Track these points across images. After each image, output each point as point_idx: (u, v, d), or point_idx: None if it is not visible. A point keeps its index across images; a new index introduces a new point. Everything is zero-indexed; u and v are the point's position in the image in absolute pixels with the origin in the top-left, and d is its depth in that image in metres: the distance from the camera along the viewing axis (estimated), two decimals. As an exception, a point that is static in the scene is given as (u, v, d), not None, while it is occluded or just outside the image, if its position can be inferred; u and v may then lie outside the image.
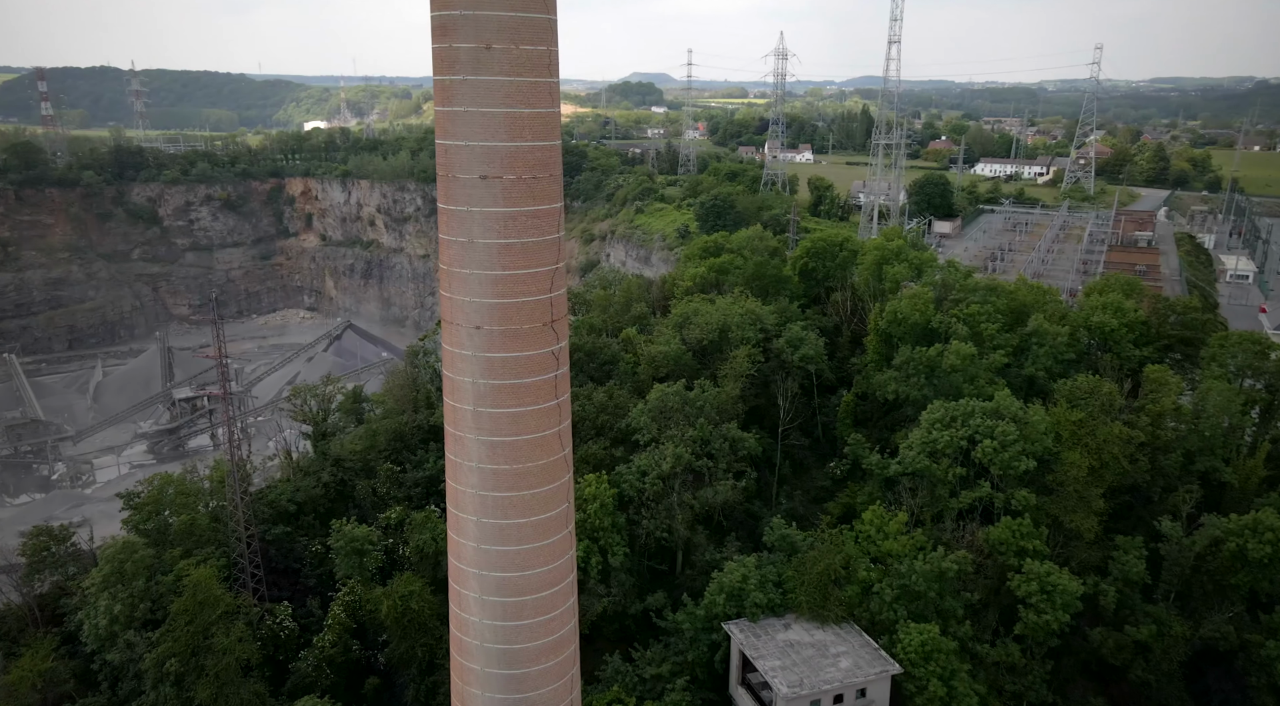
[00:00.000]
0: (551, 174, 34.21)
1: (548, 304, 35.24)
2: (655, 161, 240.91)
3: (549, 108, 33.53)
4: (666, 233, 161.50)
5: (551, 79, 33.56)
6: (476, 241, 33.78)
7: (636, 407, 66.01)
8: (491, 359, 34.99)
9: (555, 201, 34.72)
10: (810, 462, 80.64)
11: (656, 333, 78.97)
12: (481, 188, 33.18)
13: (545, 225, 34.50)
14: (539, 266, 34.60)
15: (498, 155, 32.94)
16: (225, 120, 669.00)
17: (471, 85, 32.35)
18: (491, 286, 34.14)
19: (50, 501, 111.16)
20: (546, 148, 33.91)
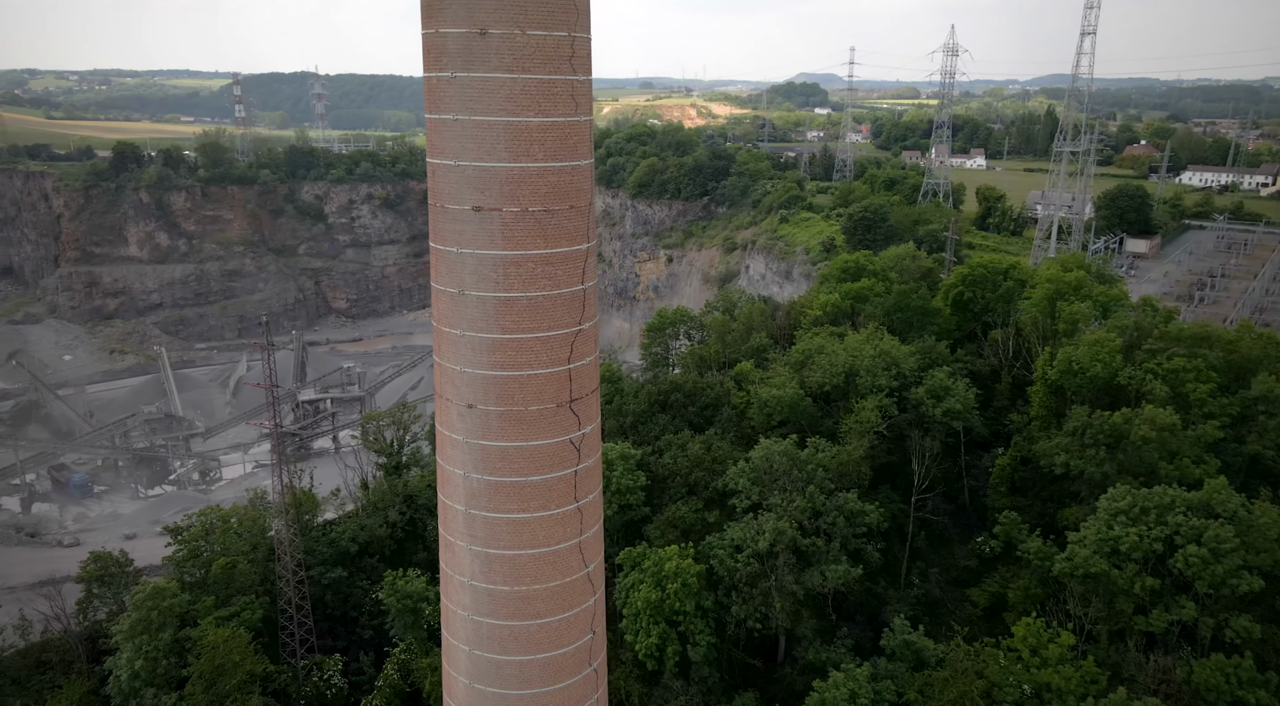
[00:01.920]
0: (574, 205, 25.14)
1: (565, 378, 26.22)
2: (808, 166, 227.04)
3: (570, 115, 24.47)
4: (810, 245, 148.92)
5: (575, 77, 24.45)
6: (468, 293, 25.26)
7: (734, 467, 55.96)
8: (487, 449, 26.40)
9: (578, 242, 25.64)
10: (952, 535, 67.55)
11: (773, 370, 68.38)
12: (475, 223, 24.62)
13: (563, 274, 25.48)
14: (553, 328, 25.64)
15: (495, 179, 24.24)
16: (404, 121, 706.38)
17: (461, 85, 23.80)
18: (487, 353, 25.52)
19: (170, 499, 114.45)
20: (567, 171, 24.88)
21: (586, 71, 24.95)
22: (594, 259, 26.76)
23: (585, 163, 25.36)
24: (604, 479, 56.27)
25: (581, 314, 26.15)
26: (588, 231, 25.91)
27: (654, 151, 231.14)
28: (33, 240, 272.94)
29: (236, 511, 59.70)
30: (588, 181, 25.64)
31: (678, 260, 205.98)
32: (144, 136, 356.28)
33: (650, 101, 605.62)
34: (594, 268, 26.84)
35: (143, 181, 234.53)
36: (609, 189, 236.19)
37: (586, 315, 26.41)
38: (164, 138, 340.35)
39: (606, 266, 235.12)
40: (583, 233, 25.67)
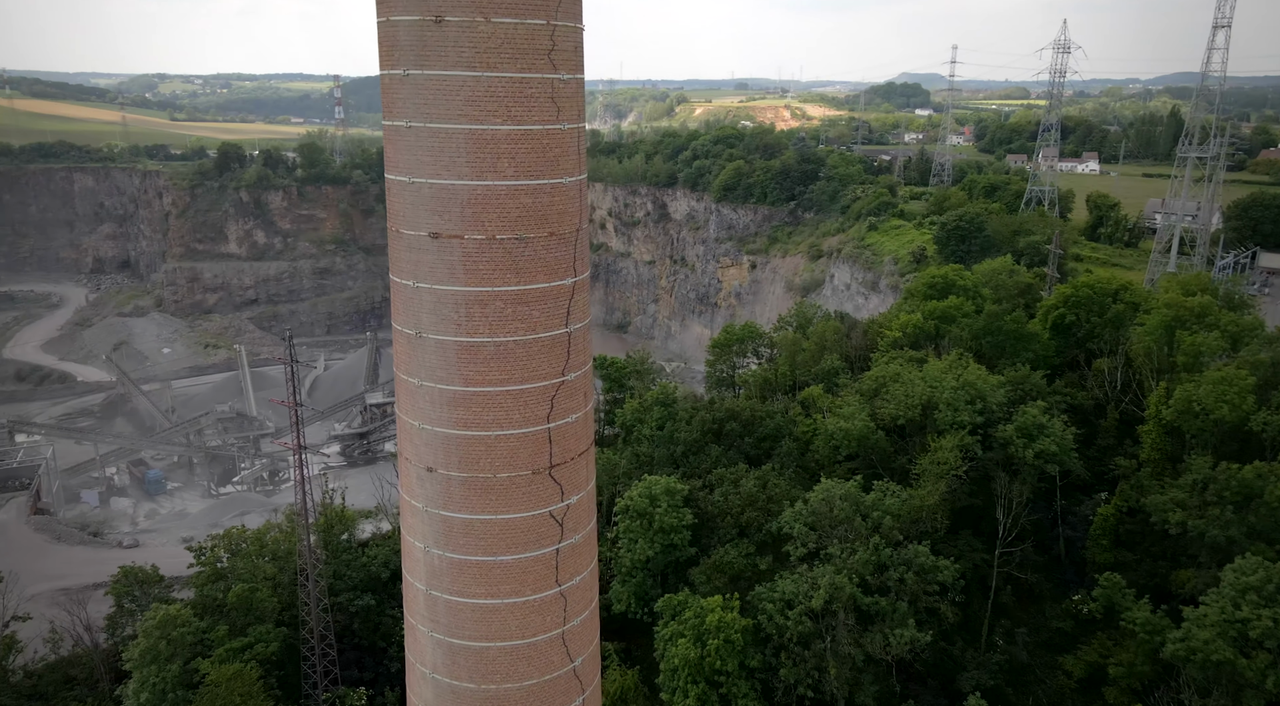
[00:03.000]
0: (554, 232, 20.50)
1: (543, 440, 21.61)
2: (902, 171, 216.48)
3: (550, 122, 19.85)
4: (899, 255, 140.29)
5: (557, 75, 19.81)
6: (426, 336, 20.93)
7: (790, 510, 50.30)
8: (450, 521, 22.04)
9: (560, 276, 20.98)
10: (1044, 591, 59.95)
11: (842, 398, 62.24)
12: (432, 252, 20.26)
13: (540, 315, 20.86)
14: (527, 381, 21.07)
15: (455, 200, 19.82)
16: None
17: (414, 85, 19.45)
18: (448, 409, 21.14)
19: (234, 500, 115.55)
20: (545, 190, 20.25)
21: (574, 69, 20.32)
22: (584, 296, 22.11)
23: (571, 181, 20.73)
24: (646, 515, 51.66)
25: (565, 363, 21.51)
26: (574, 263, 21.27)
27: (741, 154, 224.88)
28: (147, 236, 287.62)
29: (270, 528, 57.62)
30: (574, 203, 21.00)
31: (761, 266, 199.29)
32: (255, 137, 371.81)
33: (744, 103, 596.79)
34: (585, 306, 22.19)
35: (244, 181, 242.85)
36: (694, 192, 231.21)
37: (573, 363, 21.75)
38: (272, 138, 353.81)
39: (689, 271, 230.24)
40: (567, 265, 21.03)
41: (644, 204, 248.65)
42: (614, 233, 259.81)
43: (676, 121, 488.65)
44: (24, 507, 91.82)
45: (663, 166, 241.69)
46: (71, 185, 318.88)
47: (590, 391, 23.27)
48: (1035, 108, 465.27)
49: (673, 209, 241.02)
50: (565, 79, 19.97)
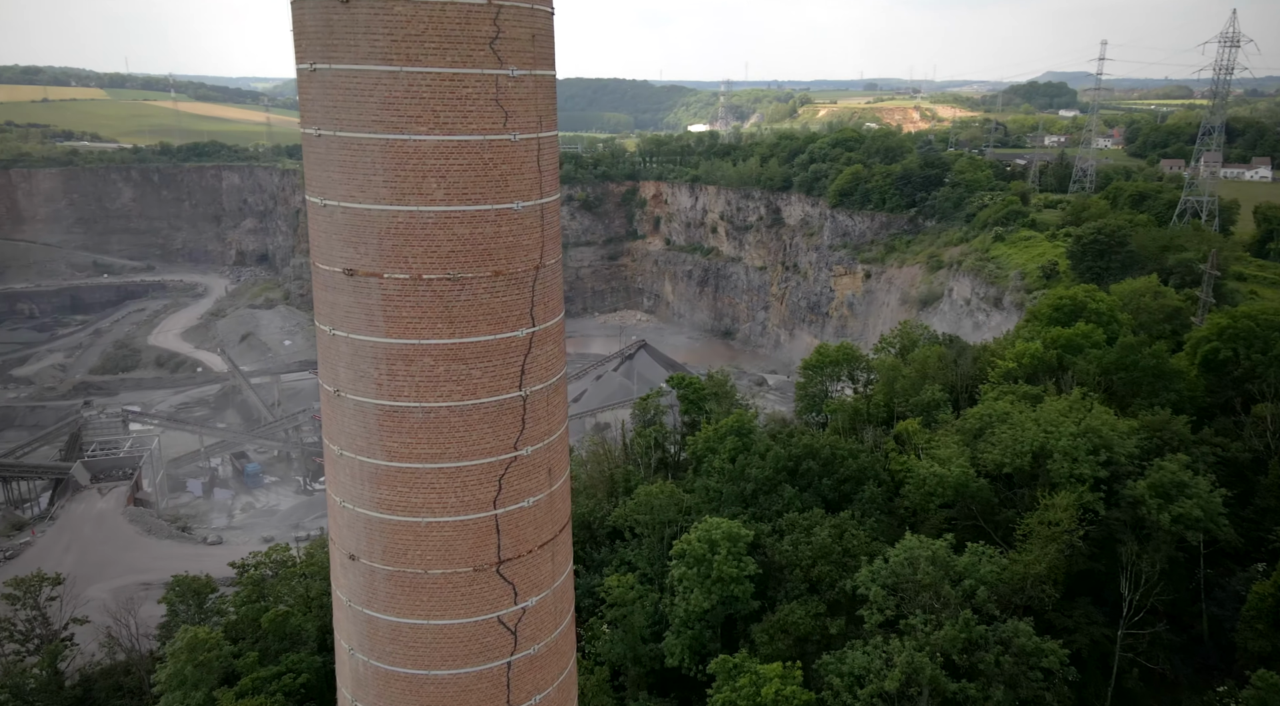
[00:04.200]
0: (501, 271, 16.05)
1: (488, 530, 17.23)
2: (1038, 176, 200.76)
3: (495, 131, 15.39)
4: (1027, 269, 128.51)
5: (502, 71, 15.31)
6: (345, 396, 16.89)
7: (868, 567, 44.04)
8: (375, 622, 17.94)
9: (510, 326, 16.50)
10: (1181, 678, 51.10)
11: (939, 436, 55.14)
12: (348, 293, 16.13)
13: (483, 376, 16.43)
14: (466, 456, 16.69)
15: (372, 229, 15.61)
16: (623, 123, 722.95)
17: (322, 83, 15.36)
18: (369, 486, 17.03)
19: (318, 501, 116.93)
20: (489, 218, 15.79)
21: (531, 63, 15.78)
22: (552, 348, 17.56)
23: (526, 206, 16.23)
24: (703, 562, 46.62)
25: (519, 434, 17.03)
26: (532, 309, 16.71)
27: (860, 158, 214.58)
28: (283, 231, 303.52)
29: (323, 544, 55.96)
30: (531, 234, 16.48)
31: (876, 276, 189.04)
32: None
33: (870, 104, 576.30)
34: (552, 361, 17.64)
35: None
36: (809, 197, 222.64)
37: (532, 434, 17.25)
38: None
39: (801, 278, 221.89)
40: (521, 312, 16.54)
41: (757, 208, 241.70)
42: (725, 237, 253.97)
43: (798, 123, 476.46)
44: (124, 497, 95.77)
45: (778, 170, 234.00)
46: (220, 182, 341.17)
47: (562, 464, 18.67)
48: (1197, 108, 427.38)
49: (786, 214, 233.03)
50: (515, 76, 15.48)
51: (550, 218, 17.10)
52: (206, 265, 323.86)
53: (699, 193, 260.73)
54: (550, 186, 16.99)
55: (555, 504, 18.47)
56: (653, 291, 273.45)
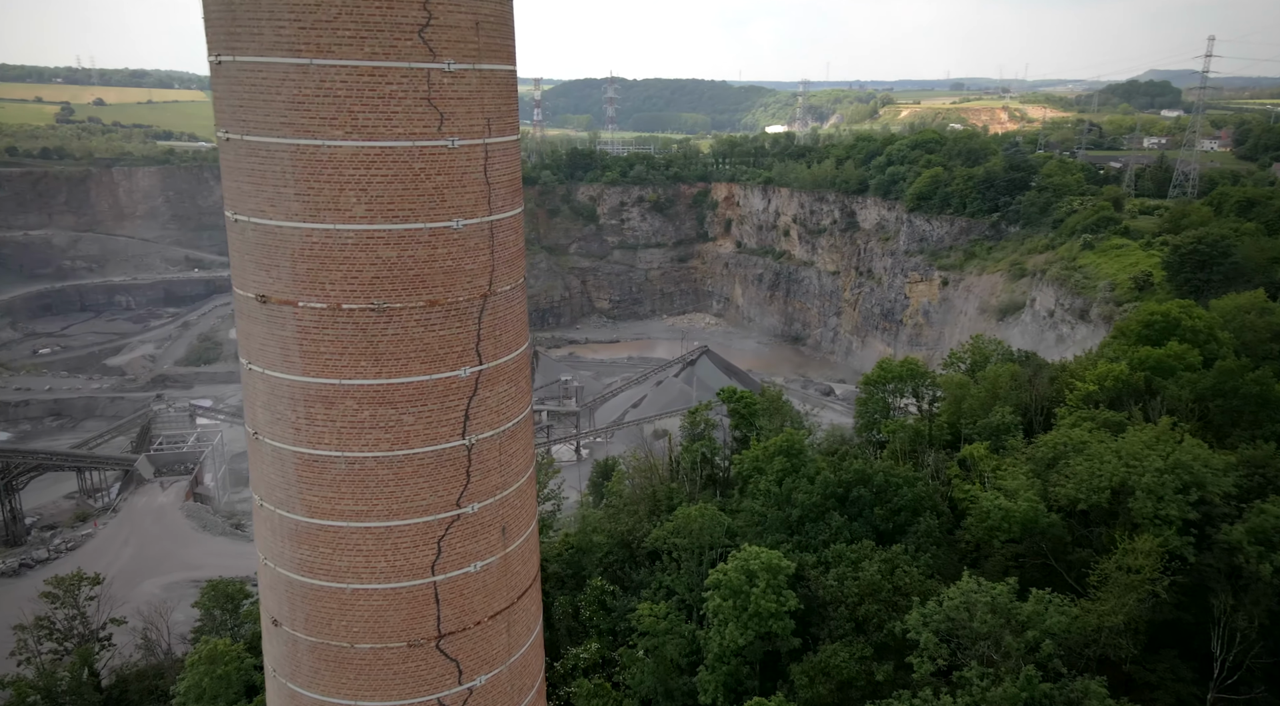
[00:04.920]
0: (437, 302, 13.66)
1: (424, 600, 14.84)
2: (1133, 181, 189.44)
3: (429, 137, 12.94)
4: (1118, 280, 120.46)
5: (438, 64, 12.85)
6: (263, 441, 14.74)
7: (918, 611, 40.25)
8: (298, 699, 15.73)
9: (455, 365, 14.05)
10: (1277, 745, 45.54)
11: (1008, 465, 50.69)
12: (262, 322, 13.85)
13: (418, 422, 14.03)
14: (397, 515, 14.30)
15: (285, 249, 13.23)
16: (700, 124, 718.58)
17: (228, 78, 13.09)
18: (290, 544, 14.77)
19: None
20: (422, 239, 13.33)
21: (473, 55, 13.33)
22: (509, 388, 15.07)
23: (468, 225, 13.82)
24: (740, 594, 43.60)
25: (463, 489, 14.58)
26: (478, 344, 14.24)
27: (941, 160, 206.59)
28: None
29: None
30: (476, 257, 14.06)
31: (954, 284, 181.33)
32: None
33: (956, 104, 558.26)
34: (510, 403, 15.16)
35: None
36: (885, 200, 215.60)
37: (477, 490, 14.80)
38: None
39: (875, 284, 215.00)
40: (464, 347, 14.12)
41: (831, 211, 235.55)
42: (797, 240, 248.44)
43: (879, 124, 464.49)
44: (184, 492, 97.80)
45: (854, 172, 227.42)
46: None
47: (523, 519, 16.15)
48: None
49: (861, 217, 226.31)
50: (453, 71, 13.04)
51: (505, 237, 14.66)
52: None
53: (771, 195, 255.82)
54: (504, 201, 14.56)
55: (512, 567, 16.00)
56: (722, 294, 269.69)
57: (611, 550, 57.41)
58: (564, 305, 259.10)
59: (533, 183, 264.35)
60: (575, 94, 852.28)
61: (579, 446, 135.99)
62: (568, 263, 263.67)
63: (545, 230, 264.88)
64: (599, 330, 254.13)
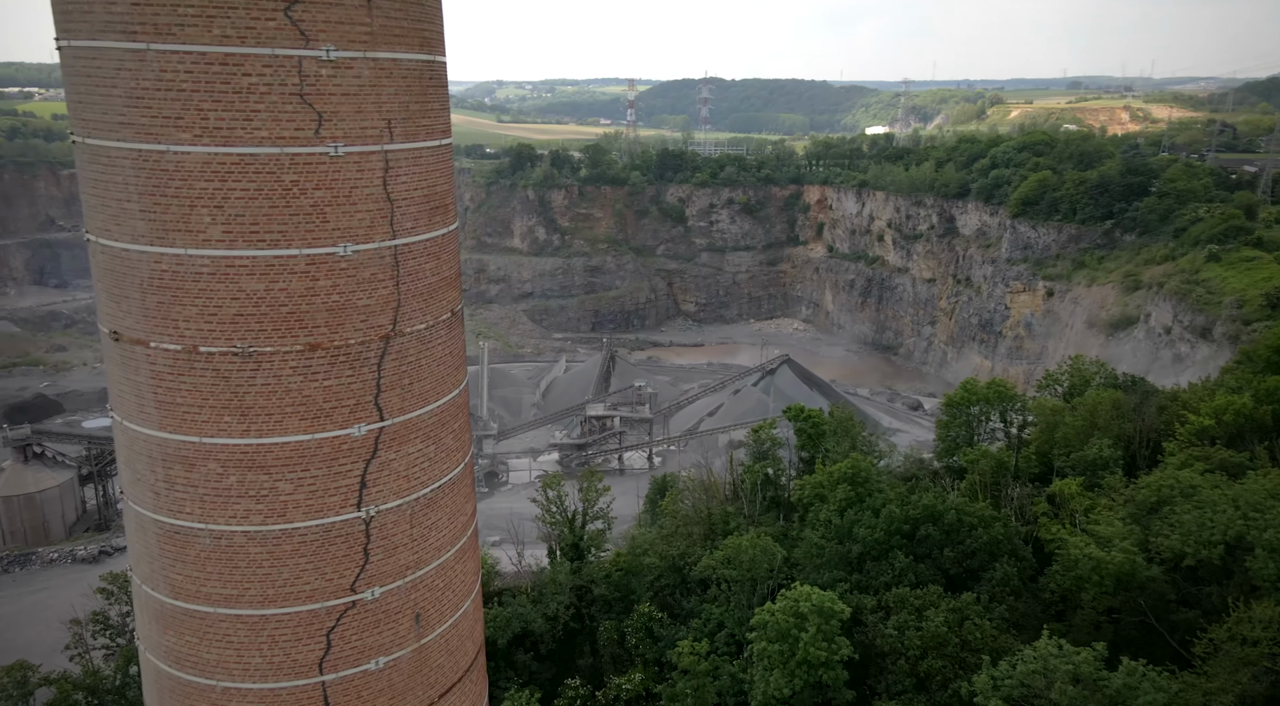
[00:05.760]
0: (319, 345, 11.08)
1: (313, 698, 12.21)
2: (1269, 187, 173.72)
3: (301, 142, 10.29)
4: (1247, 296, 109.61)
5: (312, 52, 10.21)
6: (128, 503, 12.40)
7: (988, 672, 35.73)
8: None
9: (346, 421, 11.47)
10: None
11: (1103, 507, 45.21)
12: (117, 363, 11.53)
13: (298, 491, 11.43)
14: (275, 602, 11.93)
15: (133, 278, 10.82)
16: (797, 124, 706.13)
17: (66, 66, 10.91)
18: (157, 628, 12.41)
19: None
20: (299, 266, 10.73)
21: (368, 41, 10.62)
22: (422, 448, 12.33)
23: (360, 250, 11.14)
24: (788, 638, 39.96)
25: (358, 570, 11.95)
26: (379, 396, 11.56)
27: (1050, 163, 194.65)
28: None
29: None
30: (373, 289, 11.42)
31: (1060, 295, 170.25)
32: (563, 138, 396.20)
33: (1071, 104, 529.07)
34: (428, 465, 12.43)
35: (532, 179, 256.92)
36: (987, 205, 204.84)
37: (379, 571, 12.21)
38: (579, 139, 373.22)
39: (973, 293, 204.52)
40: (357, 400, 11.51)
41: (929, 216, 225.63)
42: (892, 245, 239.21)
43: (986, 125, 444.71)
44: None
45: (954, 175, 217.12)
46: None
47: (447, 603, 13.38)
48: None
49: (961, 223, 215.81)
50: (335, 59, 10.38)
51: (418, 265, 11.94)
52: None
53: (866, 198, 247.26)
54: (417, 220, 11.85)
55: (431, 661, 13.28)
56: (811, 300, 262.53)
57: (663, 574, 54.44)
58: (649, 307, 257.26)
59: (621, 183, 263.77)
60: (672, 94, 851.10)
61: (651, 454, 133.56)
62: (654, 264, 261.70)
63: (633, 231, 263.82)
64: (683, 333, 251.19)
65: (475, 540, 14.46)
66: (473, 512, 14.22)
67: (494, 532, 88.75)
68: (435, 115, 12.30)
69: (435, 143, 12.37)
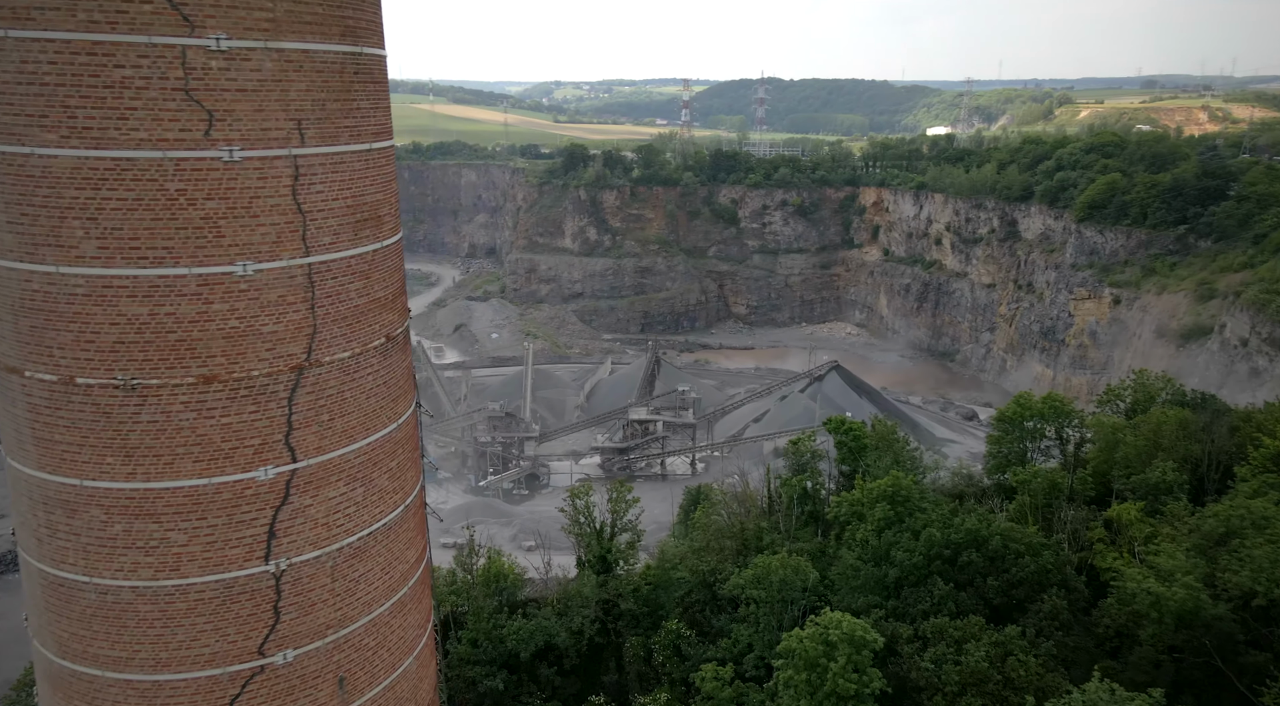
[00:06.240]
0: (215, 377, 9.64)
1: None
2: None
3: (187, 146, 8.94)
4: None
5: (198, 39, 8.88)
6: (18, 548, 11.21)
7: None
8: None
9: (250, 464, 10.01)
10: None
11: (1165, 537, 41.98)
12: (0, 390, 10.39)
13: (191, 541, 10.22)
14: (169, 666, 10.45)
15: (4, 298, 9.66)
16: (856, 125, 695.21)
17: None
18: (48, 688, 11.29)
19: (473, 507, 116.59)
20: (188, 287, 9.42)
21: (270, 29, 9.13)
22: (346, 491, 10.84)
23: (263, 269, 9.65)
24: (816, 668, 37.82)
25: (267, 631, 10.54)
26: (290, 434, 10.09)
27: (1120, 165, 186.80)
28: (509, 226, 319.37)
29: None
30: (282, 314, 9.99)
31: (1128, 303, 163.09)
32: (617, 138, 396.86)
33: (1145, 103, 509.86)
34: (353, 510, 10.91)
35: (584, 179, 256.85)
36: (1051, 208, 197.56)
37: (293, 631, 10.66)
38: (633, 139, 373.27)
39: (1035, 299, 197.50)
40: (264, 439, 9.98)
41: (989, 219, 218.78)
42: (950, 249, 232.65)
43: (1053, 126, 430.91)
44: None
45: (1017, 177, 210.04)
46: (459, 179, 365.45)
47: (379, 664, 11.86)
48: None
49: (1023, 226, 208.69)
50: (227, 49, 8.91)
51: (340, 286, 10.42)
52: (443, 256, 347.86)
53: (924, 200, 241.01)
54: (334, 235, 10.31)
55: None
56: (865, 304, 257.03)
57: (693, 589, 52.54)
58: (699, 309, 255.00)
59: (674, 184, 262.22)
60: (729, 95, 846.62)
61: (694, 460, 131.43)
62: (705, 266, 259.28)
63: (685, 232, 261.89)
64: (734, 336, 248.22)
65: (423, 588, 12.95)
66: (420, 558, 12.70)
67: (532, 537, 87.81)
68: (364, 115, 10.81)
69: (363, 146, 10.88)
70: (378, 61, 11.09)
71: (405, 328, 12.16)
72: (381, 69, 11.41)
